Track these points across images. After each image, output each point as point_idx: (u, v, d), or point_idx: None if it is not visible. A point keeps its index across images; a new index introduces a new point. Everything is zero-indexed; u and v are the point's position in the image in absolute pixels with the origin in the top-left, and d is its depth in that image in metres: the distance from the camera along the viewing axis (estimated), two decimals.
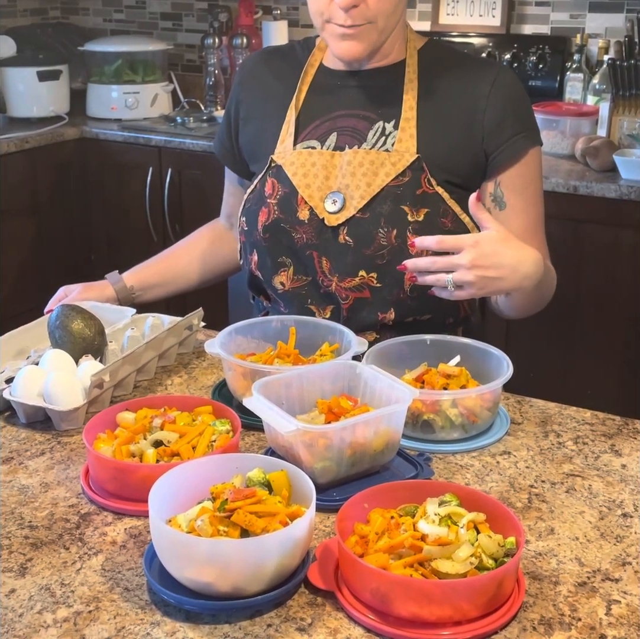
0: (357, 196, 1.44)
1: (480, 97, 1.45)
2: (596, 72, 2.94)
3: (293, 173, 1.48)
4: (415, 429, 1.23)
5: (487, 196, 1.49)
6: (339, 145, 1.48)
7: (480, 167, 1.47)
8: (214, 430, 1.15)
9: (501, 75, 1.47)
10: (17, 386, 1.27)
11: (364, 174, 1.44)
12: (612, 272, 2.56)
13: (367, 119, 1.48)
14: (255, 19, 3.58)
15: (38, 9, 4.02)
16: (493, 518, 0.95)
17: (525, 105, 1.50)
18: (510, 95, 1.47)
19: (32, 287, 3.26)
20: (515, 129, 1.46)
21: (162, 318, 1.50)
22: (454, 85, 1.47)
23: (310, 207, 1.47)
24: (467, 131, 1.46)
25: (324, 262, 1.47)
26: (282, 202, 1.49)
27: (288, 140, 1.50)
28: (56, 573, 0.97)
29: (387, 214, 1.43)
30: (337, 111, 1.50)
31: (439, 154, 1.44)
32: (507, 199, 1.48)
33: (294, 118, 1.51)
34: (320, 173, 1.47)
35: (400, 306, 1.46)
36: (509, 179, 1.47)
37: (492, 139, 1.45)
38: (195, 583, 0.90)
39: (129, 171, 3.33)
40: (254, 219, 1.52)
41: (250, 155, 1.59)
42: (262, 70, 1.60)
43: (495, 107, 1.45)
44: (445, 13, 3.28)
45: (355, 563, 0.89)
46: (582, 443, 1.24)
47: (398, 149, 1.44)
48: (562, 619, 0.90)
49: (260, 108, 1.58)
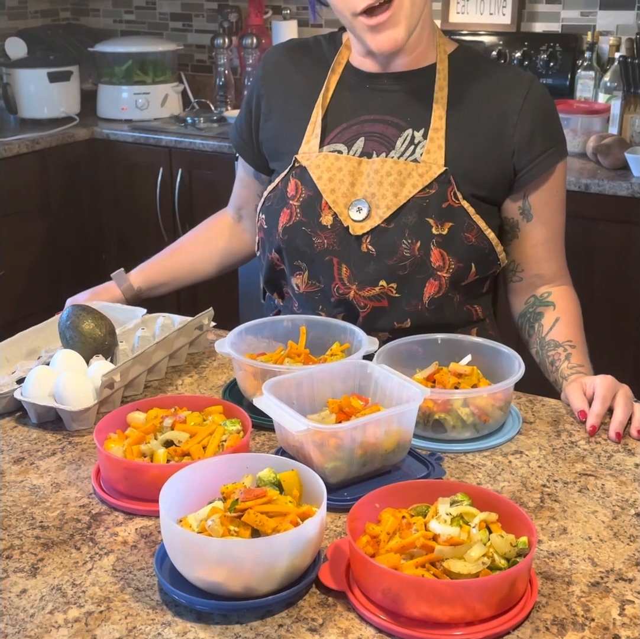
0: (383, 205, 1.42)
1: (511, 110, 1.43)
2: (607, 70, 2.93)
3: (318, 177, 1.46)
4: (426, 428, 1.22)
5: (515, 209, 1.48)
6: (366, 151, 1.46)
7: (506, 180, 1.46)
8: (224, 430, 1.15)
9: (533, 89, 1.45)
10: (28, 386, 1.28)
11: (391, 183, 1.42)
12: (624, 270, 2.55)
13: (396, 125, 1.46)
14: (265, 18, 3.58)
15: (49, 10, 4.03)
16: (505, 518, 0.95)
17: (556, 119, 1.49)
18: (541, 110, 1.45)
19: (44, 288, 3.28)
20: (546, 144, 1.44)
21: (172, 318, 1.50)
22: (485, 96, 1.45)
23: (334, 213, 1.45)
24: (496, 144, 1.44)
25: (344, 270, 1.46)
26: (305, 205, 1.47)
27: (314, 141, 1.48)
28: (67, 573, 0.97)
29: (412, 226, 1.42)
30: (364, 115, 1.48)
31: (466, 167, 1.43)
32: (534, 211, 1.48)
33: (320, 118, 1.49)
34: (346, 179, 1.45)
35: (417, 317, 1.45)
36: (538, 192, 1.47)
37: (522, 154, 1.44)
38: (206, 583, 0.90)
39: (139, 171, 3.33)
40: (274, 219, 1.51)
41: (271, 153, 1.57)
42: (286, 64, 1.56)
43: (527, 122, 1.43)
44: (455, 11, 3.27)
45: (366, 563, 0.89)
46: (594, 442, 1.23)
47: (426, 160, 1.42)
48: (575, 619, 0.89)
49: (283, 105, 1.55)
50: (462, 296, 1.48)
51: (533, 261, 1.51)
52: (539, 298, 1.52)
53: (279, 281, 1.58)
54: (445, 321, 1.46)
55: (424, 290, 1.44)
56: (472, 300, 1.50)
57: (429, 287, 1.43)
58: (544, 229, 1.49)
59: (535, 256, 1.51)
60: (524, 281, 1.53)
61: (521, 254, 1.51)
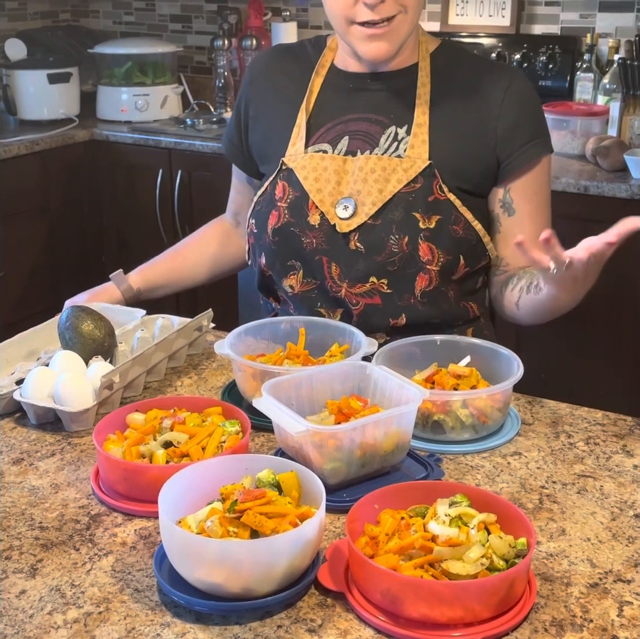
0: (368, 202, 1.43)
1: (493, 103, 1.44)
2: (606, 72, 2.93)
3: (304, 177, 1.47)
4: (425, 429, 1.22)
5: (496, 201, 1.49)
6: (351, 149, 1.47)
7: (491, 173, 1.47)
8: (223, 431, 1.15)
9: (514, 81, 1.46)
10: (28, 387, 1.28)
11: (375, 180, 1.43)
12: (623, 273, 2.54)
13: (380, 123, 1.47)
14: (264, 20, 3.58)
15: (48, 12, 4.03)
16: (504, 519, 0.95)
17: (538, 111, 1.50)
18: (523, 102, 1.46)
19: (44, 289, 3.27)
20: (528, 136, 1.45)
21: (171, 319, 1.50)
22: (467, 90, 1.46)
23: (321, 212, 1.46)
24: (480, 137, 1.45)
25: (334, 268, 1.47)
26: (292, 206, 1.48)
27: (299, 143, 1.50)
28: (66, 573, 0.97)
29: (399, 221, 1.43)
30: (348, 114, 1.50)
31: (450, 160, 1.44)
32: (517, 205, 1.48)
33: (304, 121, 1.50)
34: (332, 178, 1.46)
35: (412, 311, 1.46)
36: (519, 185, 1.47)
37: (505, 146, 1.45)
38: (205, 583, 0.90)
39: (139, 172, 3.33)
40: (263, 222, 1.52)
41: (260, 156, 1.59)
42: (273, 69, 1.59)
43: (509, 114, 1.44)
44: (454, 13, 3.28)
45: (365, 564, 0.89)
46: (593, 444, 1.24)
47: (410, 155, 1.43)
48: (573, 620, 0.90)
49: (270, 108, 1.57)
50: (457, 292, 1.48)
51: (517, 256, 1.48)
52: None
53: (272, 286, 1.59)
54: (441, 317, 1.47)
55: (414, 284, 1.44)
56: (467, 296, 1.51)
57: (420, 281, 1.44)
58: (527, 226, 1.47)
59: None
60: (508, 273, 1.53)
61: (505, 249, 1.51)
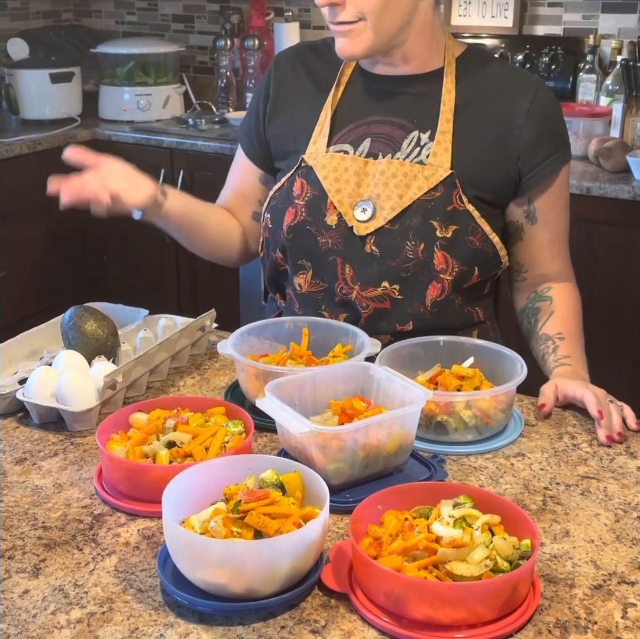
0: (387, 206, 1.43)
1: (518, 114, 1.43)
2: (609, 73, 2.93)
3: (324, 176, 1.46)
4: (428, 430, 1.22)
5: (520, 212, 1.49)
6: (372, 152, 1.46)
7: (511, 184, 1.46)
8: (226, 431, 1.15)
9: (540, 93, 1.45)
10: (31, 386, 1.27)
11: (396, 185, 1.43)
12: (625, 273, 2.54)
13: (403, 127, 1.46)
14: (266, 20, 3.58)
15: (50, 12, 4.03)
16: (508, 520, 0.95)
17: (562, 124, 1.50)
18: (548, 114, 1.46)
19: (45, 288, 3.27)
20: (551, 149, 1.45)
21: (174, 319, 1.50)
22: (491, 98, 1.45)
23: (339, 213, 1.45)
24: (502, 147, 1.44)
25: (347, 270, 1.46)
26: (310, 205, 1.47)
27: (320, 142, 1.49)
28: (69, 573, 0.97)
29: (416, 228, 1.42)
30: (371, 116, 1.49)
31: (472, 169, 1.43)
32: (539, 213, 1.48)
33: (329, 119, 1.49)
34: (352, 179, 1.45)
35: (419, 319, 1.45)
36: (543, 195, 1.48)
37: (528, 158, 1.44)
38: (208, 584, 0.90)
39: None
40: (279, 218, 1.51)
41: (278, 152, 1.57)
42: (296, 66, 1.57)
43: (533, 126, 1.44)
44: (457, 14, 3.27)
45: (369, 565, 0.89)
46: (597, 445, 1.23)
47: (432, 163, 1.42)
48: (577, 622, 0.89)
49: (292, 105, 1.55)
50: (464, 298, 1.48)
51: (537, 262, 1.52)
52: (539, 293, 1.54)
53: (282, 282, 1.58)
54: (446, 324, 1.46)
55: (426, 292, 1.44)
56: (473, 302, 1.51)
57: (432, 290, 1.43)
58: (549, 230, 1.50)
59: (539, 257, 1.52)
60: (527, 280, 1.55)
61: (526, 255, 1.52)
